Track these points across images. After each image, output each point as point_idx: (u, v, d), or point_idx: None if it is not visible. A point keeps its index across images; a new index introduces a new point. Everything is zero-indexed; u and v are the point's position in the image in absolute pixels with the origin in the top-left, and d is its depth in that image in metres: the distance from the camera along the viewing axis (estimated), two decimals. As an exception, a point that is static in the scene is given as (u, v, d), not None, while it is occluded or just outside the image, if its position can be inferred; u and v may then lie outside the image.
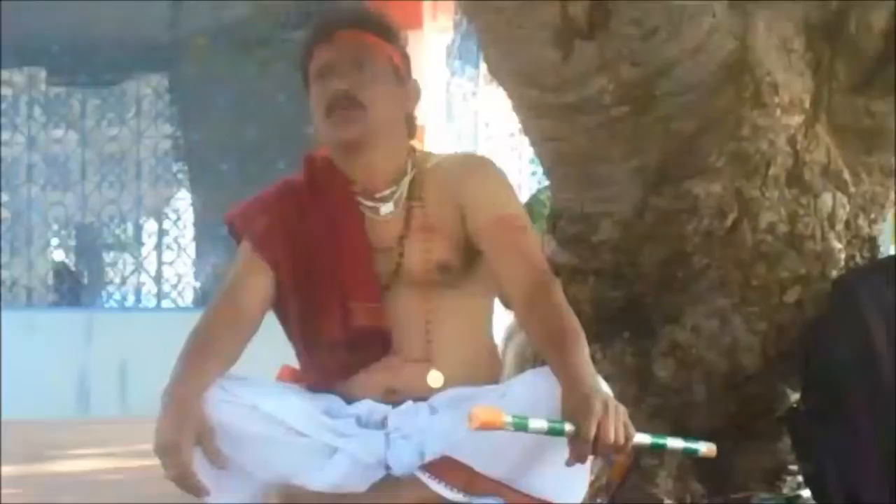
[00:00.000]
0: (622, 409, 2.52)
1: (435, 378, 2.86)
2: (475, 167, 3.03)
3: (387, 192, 2.97)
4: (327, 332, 2.92)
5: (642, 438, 2.57)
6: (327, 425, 2.80)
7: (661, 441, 2.64)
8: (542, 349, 2.74)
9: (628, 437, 2.49)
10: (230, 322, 2.87)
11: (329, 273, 2.94)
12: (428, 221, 2.94)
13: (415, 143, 3.17)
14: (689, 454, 2.76)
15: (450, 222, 2.93)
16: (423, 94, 3.11)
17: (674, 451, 2.73)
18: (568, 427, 2.45)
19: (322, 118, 2.95)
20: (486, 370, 2.87)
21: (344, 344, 2.90)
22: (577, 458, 2.48)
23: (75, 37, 9.74)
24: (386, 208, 2.96)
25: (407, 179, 2.99)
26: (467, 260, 2.94)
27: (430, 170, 3.00)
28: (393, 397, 2.87)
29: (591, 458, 2.63)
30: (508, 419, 2.45)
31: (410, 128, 3.07)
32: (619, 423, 2.49)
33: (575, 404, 2.49)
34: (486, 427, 2.45)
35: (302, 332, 2.96)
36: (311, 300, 2.95)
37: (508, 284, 2.88)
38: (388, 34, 3.02)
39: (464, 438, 2.68)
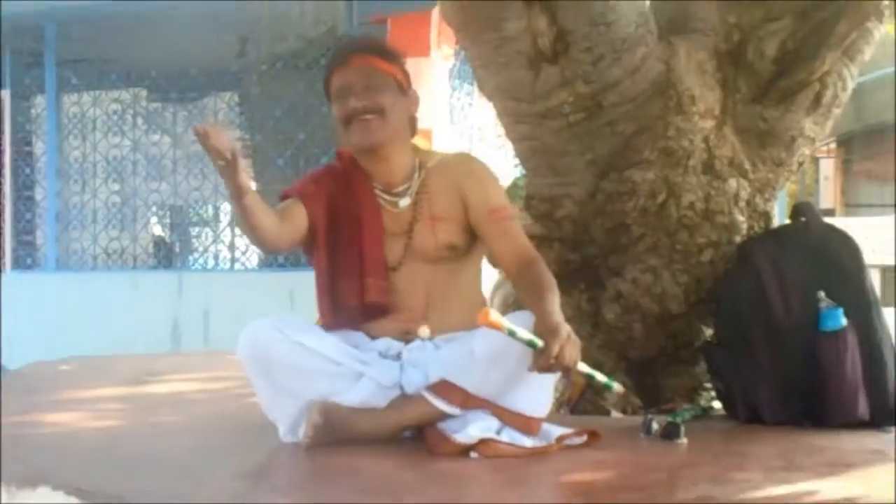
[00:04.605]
0: (578, 340, 2.57)
1: (424, 331, 2.91)
2: (473, 168, 3.03)
3: (402, 188, 2.97)
4: (344, 295, 2.94)
5: (583, 366, 2.63)
6: (356, 356, 2.82)
7: (592, 372, 2.72)
8: (526, 299, 2.77)
9: (576, 361, 2.55)
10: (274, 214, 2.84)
11: (350, 251, 2.94)
12: (434, 210, 2.94)
13: (422, 142, 3.16)
14: (607, 388, 2.81)
15: (454, 211, 2.94)
16: (431, 106, 3.10)
17: (598, 382, 2.78)
18: (540, 343, 2.51)
19: (344, 129, 2.96)
20: (476, 317, 2.86)
21: (355, 304, 2.93)
22: (538, 368, 2.54)
23: (168, 64, 9.71)
24: (403, 202, 2.96)
25: (416, 176, 2.99)
26: (468, 239, 2.96)
27: (434, 167, 3.00)
28: (406, 336, 2.90)
29: (555, 377, 2.68)
30: (507, 325, 2.53)
31: (413, 128, 3.06)
32: (574, 349, 2.54)
33: (547, 329, 2.54)
34: (490, 325, 2.53)
35: (325, 287, 2.97)
36: (335, 266, 2.95)
37: (502, 258, 2.92)
38: (390, 57, 3.00)
39: (459, 366, 2.72)
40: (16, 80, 10.00)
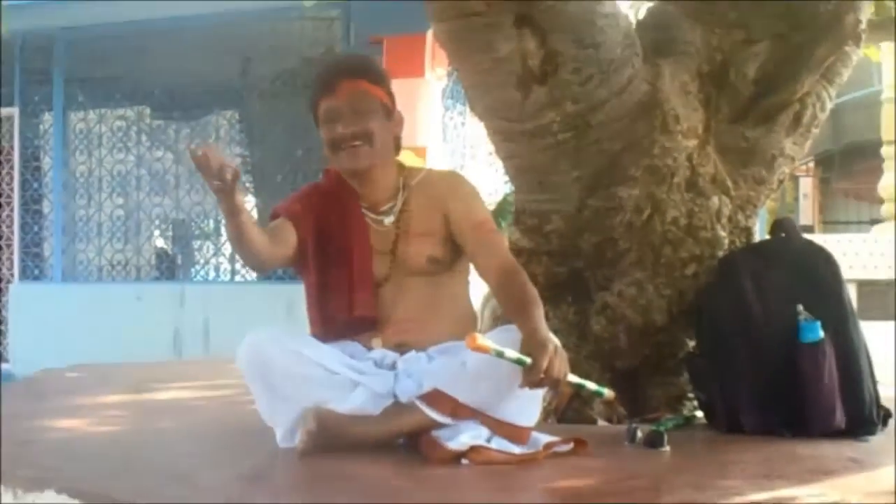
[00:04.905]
0: (564, 353, 2.55)
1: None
2: (456, 184, 3.02)
3: (387, 206, 2.97)
4: (334, 309, 2.92)
5: (572, 378, 2.62)
6: (352, 365, 2.81)
7: (582, 382, 2.70)
8: (510, 313, 2.76)
9: (566, 374, 2.53)
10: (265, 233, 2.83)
11: (339, 267, 2.93)
12: (417, 226, 2.93)
13: (415, 159, 3.15)
14: (597, 395, 2.81)
15: (436, 226, 2.93)
16: (425, 125, 3.09)
17: (588, 391, 2.77)
18: (528, 360, 2.50)
19: (332, 153, 2.93)
20: (467, 328, 2.85)
21: (344, 318, 2.91)
22: (529, 384, 2.52)
23: (172, 83, 9.74)
24: (388, 220, 2.96)
25: (401, 195, 2.98)
26: (452, 252, 2.95)
27: (417, 185, 2.99)
28: (400, 348, 2.89)
29: (543, 389, 2.67)
30: (493, 347, 2.51)
31: (397, 148, 3.04)
32: (562, 363, 2.52)
33: (534, 346, 2.52)
34: (478, 349, 2.51)
35: (315, 301, 2.96)
36: (324, 282, 2.94)
37: (485, 271, 2.90)
38: (378, 79, 2.97)
39: (451, 377, 2.71)
40: (25, 97, 10.04)
